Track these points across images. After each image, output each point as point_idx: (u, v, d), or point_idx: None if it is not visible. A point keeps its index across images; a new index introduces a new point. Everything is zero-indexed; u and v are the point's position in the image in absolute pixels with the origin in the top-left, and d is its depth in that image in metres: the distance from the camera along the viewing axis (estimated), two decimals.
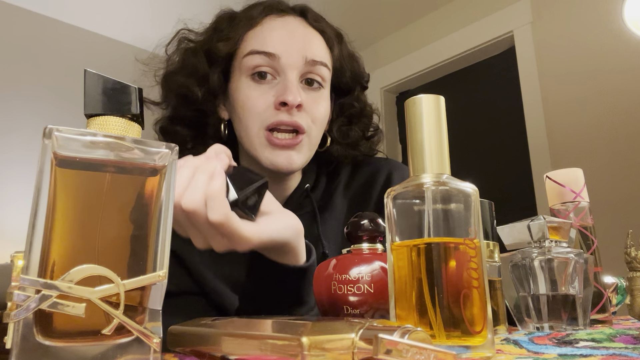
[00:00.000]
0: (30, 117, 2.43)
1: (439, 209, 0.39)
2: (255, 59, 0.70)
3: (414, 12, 2.70)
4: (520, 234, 0.61)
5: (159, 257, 0.35)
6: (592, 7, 2.07)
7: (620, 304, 0.78)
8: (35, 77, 2.52)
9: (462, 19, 2.54)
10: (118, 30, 2.80)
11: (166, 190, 0.36)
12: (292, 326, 0.32)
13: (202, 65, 0.75)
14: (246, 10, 0.77)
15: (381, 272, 0.47)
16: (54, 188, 0.33)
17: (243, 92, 0.71)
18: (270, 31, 0.72)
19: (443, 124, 0.42)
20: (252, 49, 0.71)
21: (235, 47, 0.74)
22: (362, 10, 2.66)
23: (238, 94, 0.72)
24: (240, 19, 0.75)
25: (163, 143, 0.36)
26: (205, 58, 0.75)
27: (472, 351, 0.36)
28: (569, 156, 2.04)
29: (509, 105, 2.34)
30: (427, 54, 2.67)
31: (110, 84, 0.38)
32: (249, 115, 0.70)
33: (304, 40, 0.73)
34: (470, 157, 2.43)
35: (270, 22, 0.74)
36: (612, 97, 1.96)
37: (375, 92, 2.90)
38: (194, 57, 0.76)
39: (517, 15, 2.32)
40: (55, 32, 2.66)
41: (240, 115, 0.71)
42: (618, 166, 1.89)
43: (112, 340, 0.33)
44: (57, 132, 0.33)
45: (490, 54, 2.50)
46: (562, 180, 0.71)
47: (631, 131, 1.89)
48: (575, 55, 2.10)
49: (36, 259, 0.31)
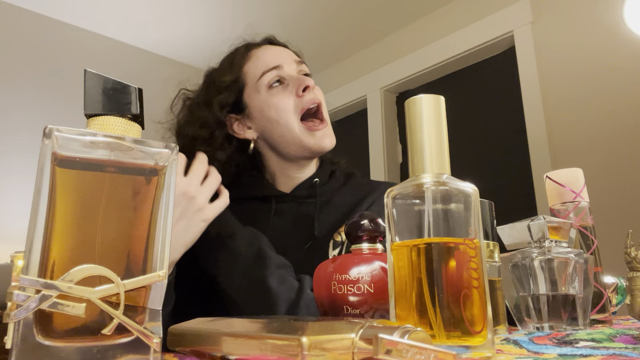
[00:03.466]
0: (30, 117, 2.43)
1: (439, 209, 0.39)
2: (269, 75, 0.88)
3: (413, 12, 2.70)
4: (520, 234, 0.61)
5: (159, 257, 0.35)
6: (592, 7, 2.07)
7: (620, 304, 0.78)
8: (36, 77, 2.52)
9: (462, 19, 2.54)
10: (118, 30, 2.80)
11: (166, 190, 0.36)
12: (292, 326, 0.32)
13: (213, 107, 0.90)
14: (232, 54, 0.95)
15: (381, 272, 0.47)
16: (54, 188, 0.33)
17: (271, 99, 0.87)
18: (264, 54, 0.92)
19: (443, 124, 0.42)
20: (263, 71, 0.89)
21: (239, 78, 0.91)
22: (362, 10, 2.66)
23: (267, 104, 0.88)
24: (233, 61, 0.93)
25: (163, 143, 0.36)
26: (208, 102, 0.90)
27: (472, 351, 0.36)
28: (569, 156, 2.04)
29: (509, 105, 2.34)
30: (427, 54, 2.67)
31: (110, 84, 0.38)
32: (284, 111, 0.86)
33: (287, 51, 0.94)
34: (470, 157, 2.43)
35: (258, 51, 0.93)
36: (612, 97, 1.96)
37: (375, 92, 2.90)
38: (204, 105, 0.91)
39: (517, 15, 2.32)
40: (55, 32, 2.66)
41: (277, 117, 0.87)
42: (618, 166, 1.89)
43: (112, 340, 0.33)
44: (57, 132, 0.33)
45: (490, 54, 2.50)
46: (562, 180, 0.71)
47: (631, 131, 1.89)
48: (575, 55, 2.10)
49: (36, 259, 0.31)
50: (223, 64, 0.95)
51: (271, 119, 0.87)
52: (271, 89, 0.88)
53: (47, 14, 2.63)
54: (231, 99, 0.90)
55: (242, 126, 0.91)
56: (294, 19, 2.71)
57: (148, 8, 2.61)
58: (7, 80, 2.44)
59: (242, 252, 0.73)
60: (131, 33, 2.83)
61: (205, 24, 2.74)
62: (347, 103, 3.02)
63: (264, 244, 0.75)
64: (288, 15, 2.67)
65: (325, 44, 2.94)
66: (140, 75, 2.81)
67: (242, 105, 0.91)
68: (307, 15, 2.69)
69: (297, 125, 0.86)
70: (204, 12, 2.65)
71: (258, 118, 0.90)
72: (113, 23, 2.74)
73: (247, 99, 0.91)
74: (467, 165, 2.40)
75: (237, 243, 0.74)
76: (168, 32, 2.83)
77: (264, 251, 0.73)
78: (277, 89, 0.88)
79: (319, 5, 2.61)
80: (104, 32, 2.81)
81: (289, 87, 0.88)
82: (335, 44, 2.96)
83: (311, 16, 2.70)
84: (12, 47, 2.49)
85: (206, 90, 0.93)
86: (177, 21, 2.73)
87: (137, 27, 2.78)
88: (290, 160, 0.90)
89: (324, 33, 2.84)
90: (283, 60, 0.90)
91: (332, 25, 2.78)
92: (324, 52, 3.01)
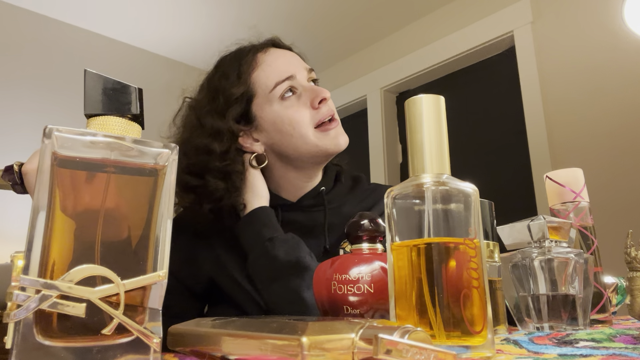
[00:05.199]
0: (30, 117, 2.43)
1: (439, 209, 0.39)
2: (282, 86, 0.84)
3: (414, 12, 2.70)
4: (520, 234, 0.61)
5: (159, 257, 0.35)
6: (592, 7, 2.07)
7: (620, 304, 0.78)
8: (36, 77, 2.52)
9: (462, 19, 2.54)
10: (118, 30, 2.80)
11: (166, 190, 0.36)
12: (292, 326, 0.32)
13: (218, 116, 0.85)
14: (237, 59, 0.89)
15: (381, 272, 0.47)
16: (54, 188, 0.33)
17: (285, 112, 0.83)
18: (275, 61, 0.87)
19: (443, 124, 0.42)
20: (276, 82, 0.84)
21: (248, 88, 0.85)
22: (362, 10, 2.66)
23: (280, 116, 0.83)
24: (240, 68, 0.87)
25: (163, 143, 0.36)
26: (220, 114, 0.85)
27: (472, 351, 0.36)
28: (569, 156, 2.04)
29: (509, 105, 2.34)
30: (427, 54, 2.67)
31: (110, 84, 0.38)
32: (300, 125, 0.83)
33: (296, 57, 0.90)
34: (470, 157, 2.43)
35: (266, 57, 0.87)
36: (612, 97, 1.96)
37: (375, 92, 2.90)
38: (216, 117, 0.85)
39: (517, 15, 2.32)
40: (55, 32, 2.66)
41: (291, 130, 0.83)
42: (618, 166, 1.89)
43: (112, 340, 0.33)
44: (57, 132, 0.33)
45: (490, 54, 2.50)
46: (562, 180, 0.71)
47: (631, 131, 1.89)
48: (575, 55, 2.10)
49: (36, 259, 0.31)
50: (228, 70, 0.88)
51: (284, 132, 0.84)
52: (284, 100, 0.84)
53: (47, 14, 2.63)
54: (239, 110, 0.85)
55: (248, 138, 0.86)
56: (294, 19, 2.71)
57: (148, 8, 2.61)
58: (7, 80, 2.44)
59: (280, 258, 0.73)
60: (131, 33, 2.83)
61: (206, 24, 2.74)
62: (347, 103, 3.02)
63: (304, 253, 0.74)
64: (288, 15, 2.67)
65: (325, 44, 2.94)
66: (140, 75, 2.81)
67: (251, 116, 0.86)
68: (307, 15, 2.69)
69: (312, 133, 0.83)
70: (205, 12, 2.65)
71: (269, 130, 0.85)
72: (113, 23, 2.74)
73: (257, 109, 0.86)
74: (467, 165, 2.40)
75: (277, 250, 0.74)
76: (168, 32, 2.82)
77: (303, 262, 0.73)
78: (291, 100, 0.84)
79: (319, 5, 2.61)
80: (103, 32, 2.81)
81: (302, 98, 0.85)
82: (335, 44, 2.96)
83: (311, 16, 2.70)
84: (12, 47, 2.49)
85: (213, 100, 0.87)
86: (177, 21, 2.73)
87: (137, 27, 2.78)
88: (301, 169, 0.87)
89: (324, 33, 2.84)
90: (295, 70, 0.86)
91: (332, 25, 2.78)
92: (324, 52, 3.01)
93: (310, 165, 0.86)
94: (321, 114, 0.84)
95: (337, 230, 0.84)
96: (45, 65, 2.57)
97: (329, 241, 0.84)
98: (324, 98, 0.84)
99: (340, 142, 0.85)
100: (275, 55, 0.88)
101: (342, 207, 0.89)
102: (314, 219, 0.87)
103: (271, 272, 0.73)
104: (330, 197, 0.89)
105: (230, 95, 0.85)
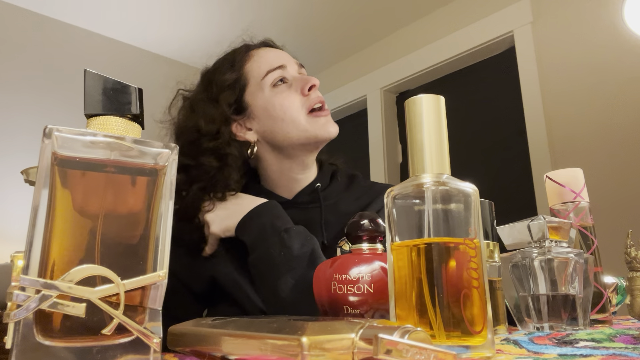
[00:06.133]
0: (30, 117, 2.43)
1: (439, 209, 0.39)
2: (274, 74, 0.88)
3: (414, 12, 2.70)
4: (520, 234, 0.61)
5: (159, 257, 0.35)
6: (592, 7, 2.07)
7: (620, 304, 0.78)
8: (36, 77, 2.52)
9: (462, 19, 2.54)
10: (118, 30, 2.80)
11: (166, 190, 0.36)
12: (292, 326, 0.32)
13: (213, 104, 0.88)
14: (231, 55, 0.93)
15: (381, 272, 0.47)
16: (54, 188, 0.33)
17: (276, 97, 0.87)
18: (267, 54, 0.92)
19: (443, 124, 0.42)
20: (268, 70, 0.88)
21: (240, 77, 0.89)
22: (362, 10, 2.66)
23: (272, 102, 0.87)
24: (234, 60, 0.91)
25: (163, 143, 0.36)
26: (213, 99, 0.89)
27: (472, 351, 0.36)
28: (569, 156, 2.04)
29: (509, 105, 2.34)
30: (427, 54, 2.67)
31: (110, 84, 0.38)
32: (291, 110, 0.86)
33: (287, 54, 0.95)
34: (470, 157, 2.43)
35: (259, 51, 0.93)
36: (612, 97, 1.96)
37: (375, 92, 2.90)
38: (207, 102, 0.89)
39: (517, 15, 2.32)
40: (55, 32, 2.65)
41: (282, 115, 0.86)
42: (618, 166, 1.89)
43: (112, 340, 0.33)
44: (57, 132, 0.33)
45: (490, 54, 2.50)
46: (562, 180, 0.71)
47: (631, 131, 1.89)
48: (575, 55, 2.10)
49: (36, 259, 0.31)
50: (222, 64, 0.93)
51: (276, 117, 0.86)
52: (275, 87, 0.88)
53: (47, 14, 2.63)
54: (232, 98, 0.88)
55: (242, 128, 0.89)
56: (294, 19, 2.71)
57: (148, 8, 2.61)
58: (7, 80, 2.44)
59: (295, 250, 0.74)
60: (131, 33, 2.83)
61: (205, 24, 2.74)
62: (347, 103, 3.02)
63: (317, 246, 0.76)
64: (288, 15, 2.67)
65: (325, 44, 2.94)
66: (140, 75, 2.80)
67: (243, 105, 0.89)
68: (307, 15, 2.69)
69: (303, 118, 0.86)
70: (204, 12, 2.65)
71: (261, 117, 0.88)
72: (113, 23, 2.74)
73: (249, 97, 0.89)
74: (467, 165, 2.40)
75: (293, 240, 0.75)
76: (168, 32, 2.83)
77: (317, 253, 0.74)
78: (281, 87, 0.88)
79: (319, 5, 2.61)
80: (103, 32, 2.81)
81: (293, 87, 0.88)
82: (335, 44, 2.96)
83: (311, 16, 2.70)
84: (12, 47, 2.49)
85: (206, 90, 0.91)
86: (177, 21, 2.73)
87: (137, 27, 2.78)
88: (293, 158, 0.88)
89: (323, 33, 2.84)
90: (286, 62, 0.91)
91: (332, 25, 2.78)
92: (324, 52, 3.01)
93: (301, 153, 0.88)
94: (311, 100, 0.87)
95: (333, 227, 0.85)
96: (45, 65, 2.57)
97: (326, 239, 0.84)
98: (313, 85, 0.87)
99: (331, 130, 0.87)
100: (267, 50, 0.94)
101: (338, 204, 0.89)
102: (310, 216, 0.87)
103: (287, 263, 0.73)
104: (326, 193, 0.90)
105: (223, 82, 0.89)
